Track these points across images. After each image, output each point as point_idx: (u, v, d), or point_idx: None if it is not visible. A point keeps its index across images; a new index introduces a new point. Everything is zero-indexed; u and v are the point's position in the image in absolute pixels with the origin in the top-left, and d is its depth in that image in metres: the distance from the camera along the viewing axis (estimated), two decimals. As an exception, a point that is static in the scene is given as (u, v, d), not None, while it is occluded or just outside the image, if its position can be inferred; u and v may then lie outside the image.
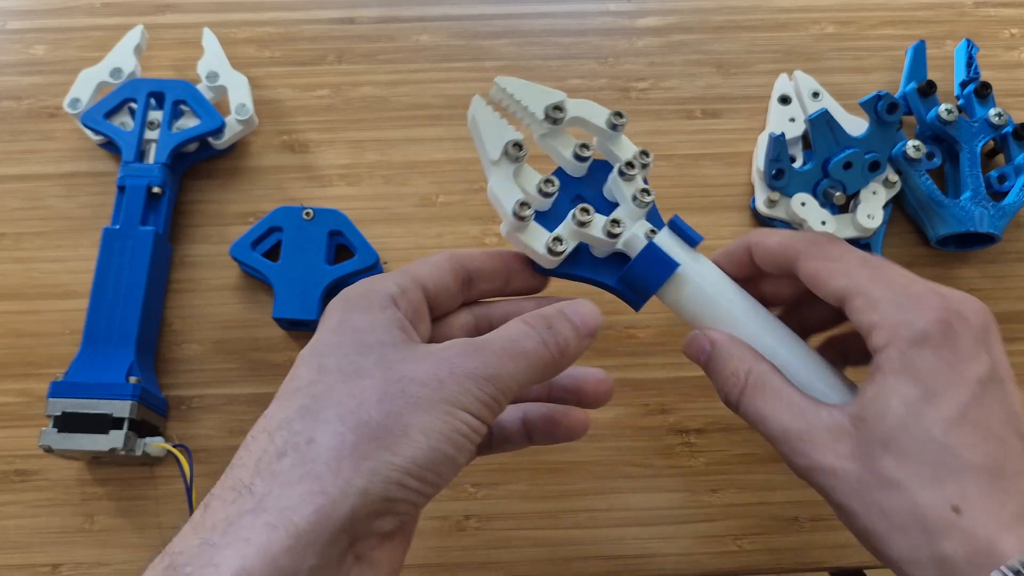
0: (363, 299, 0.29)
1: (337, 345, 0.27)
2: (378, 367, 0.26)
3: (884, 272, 0.31)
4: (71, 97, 0.48)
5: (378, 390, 0.25)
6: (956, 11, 0.55)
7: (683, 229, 0.36)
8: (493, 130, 0.37)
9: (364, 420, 0.25)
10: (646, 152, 0.38)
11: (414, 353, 0.27)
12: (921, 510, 0.28)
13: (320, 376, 0.27)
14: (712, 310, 0.36)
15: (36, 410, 0.44)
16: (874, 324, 0.30)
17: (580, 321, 0.30)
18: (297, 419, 0.25)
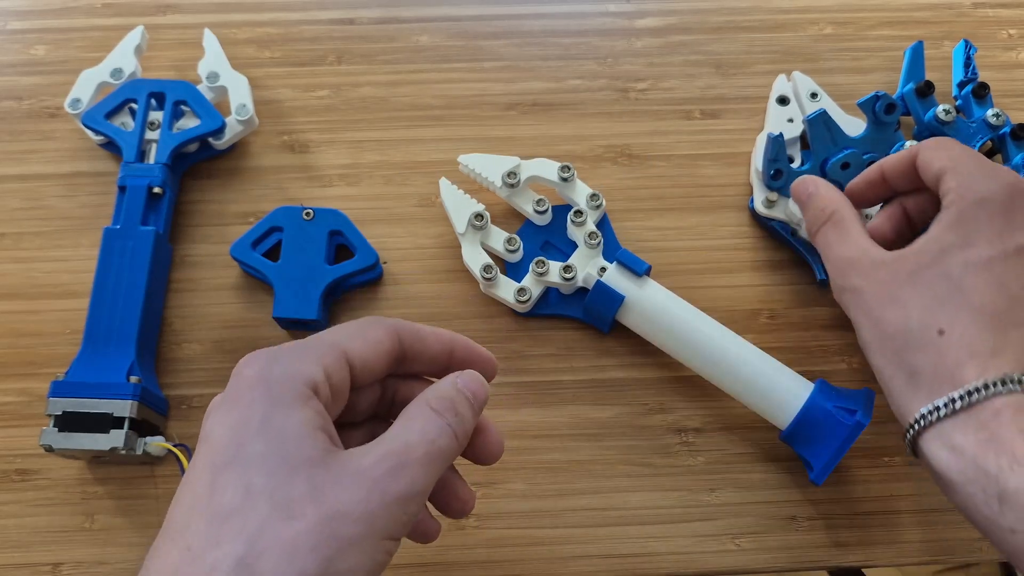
0: (287, 388, 0.27)
1: (263, 458, 0.26)
2: (310, 501, 0.26)
3: (980, 157, 0.36)
4: (72, 97, 0.48)
5: (312, 536, 0.25)
6: (954, 12, 0.55)
7: (628, 263, 0.44)
8: (458, 207, 0.46)
9: (300, 572, 0.25)
10: (596, 195, 0.46)
11: (341, 474, 0.26)
12: (910, 325, 0.33)
13: (249, 502, 0.25)
14: (656, 329, 0.44)
15: (37, 409, 0.44)
16: (949, 188, 0.35)
17: (474, 399, 0.30)
18: (232, 572, 0.24)
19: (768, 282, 0.48)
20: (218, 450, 0.27)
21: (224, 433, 0.27)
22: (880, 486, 0.44)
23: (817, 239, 0.39)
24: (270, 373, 0.28)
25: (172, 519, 0.26)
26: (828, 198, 0.39)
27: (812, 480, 0.40)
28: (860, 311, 0.35)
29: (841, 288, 0.37)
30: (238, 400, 0.28)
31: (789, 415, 0.41)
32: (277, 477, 0.26)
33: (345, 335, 0.30)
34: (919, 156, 0.37)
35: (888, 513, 0.43)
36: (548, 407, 0.45)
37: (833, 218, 0.38)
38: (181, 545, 0.25)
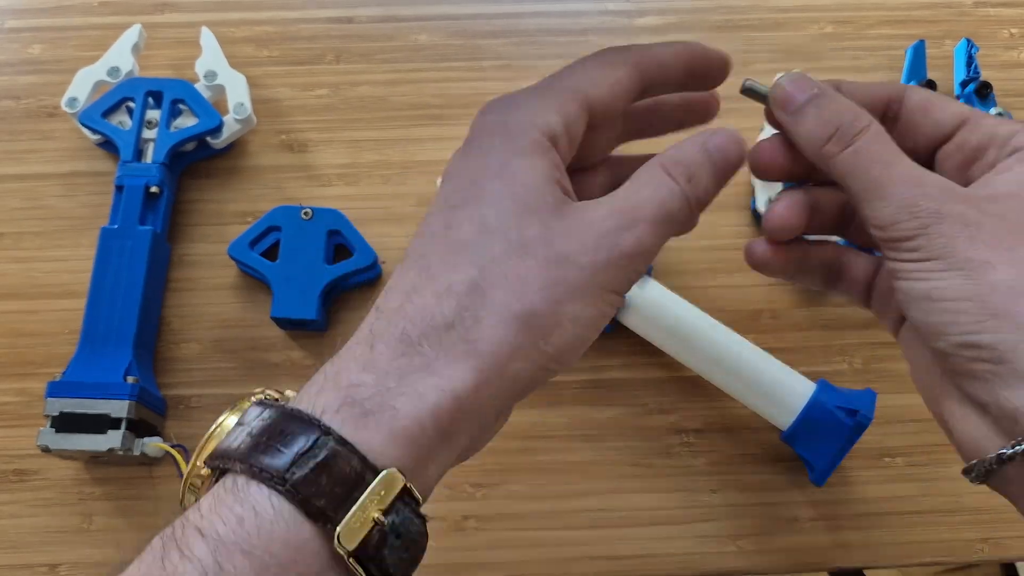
0: (527, 136, 0.27)
1: (500, 198, 0.26)
2: (541, 244, 0.26)
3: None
4: (69, 96, 0.48)
5: (541, 275, 0.26)
6: (955, 11, 0.55)
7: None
8: None
9: (527, 307, 0.25)
10: None
11: (572, 223, 0.26)
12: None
13: (484, 238, 0.26)
14: (657, 330, 0.43)
15: (34, 410, 0.44)
16: (1019, 130, 0.27)
17: (721, 160, 0.28)
18: (465, 294, 0.25)
19: (770, 282, 0.48)
20: (456, 189, 0.27)
21: (463, 174, 0.28)
22: (881, 487, 0.43)
23: (856, 151, 0.27)
24: (511, 120, 0.28)
25: (411, 250, 0.27)
26: (855, 105, 0.28)
27: (813, 481, 0.40)
28: (986, 247, 0.24)
29: (932, 213, 0.25)
30: (478, 145, 0.28)
31: (790, 415, 0.41)
32: (512, 217, 0.26)
33: (588, 80, 0.29)
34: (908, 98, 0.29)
35: (889, 514, 0.43)
36: (548, 408, 0.45)
37: (875, 129, 0.27)
38: (420, 266, 0.26)
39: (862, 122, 0.27)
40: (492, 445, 0.44)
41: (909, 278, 0.25)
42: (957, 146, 0.28)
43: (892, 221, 0.26)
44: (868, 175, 0.26)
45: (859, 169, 0.26)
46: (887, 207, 0.26)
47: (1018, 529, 0.43)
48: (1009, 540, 0.43)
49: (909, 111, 0.29)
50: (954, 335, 0.24)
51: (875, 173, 0.26)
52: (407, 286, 0.26)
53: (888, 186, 0.26)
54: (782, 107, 0.29)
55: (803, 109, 0.28)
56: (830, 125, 0.27)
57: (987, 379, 0.24)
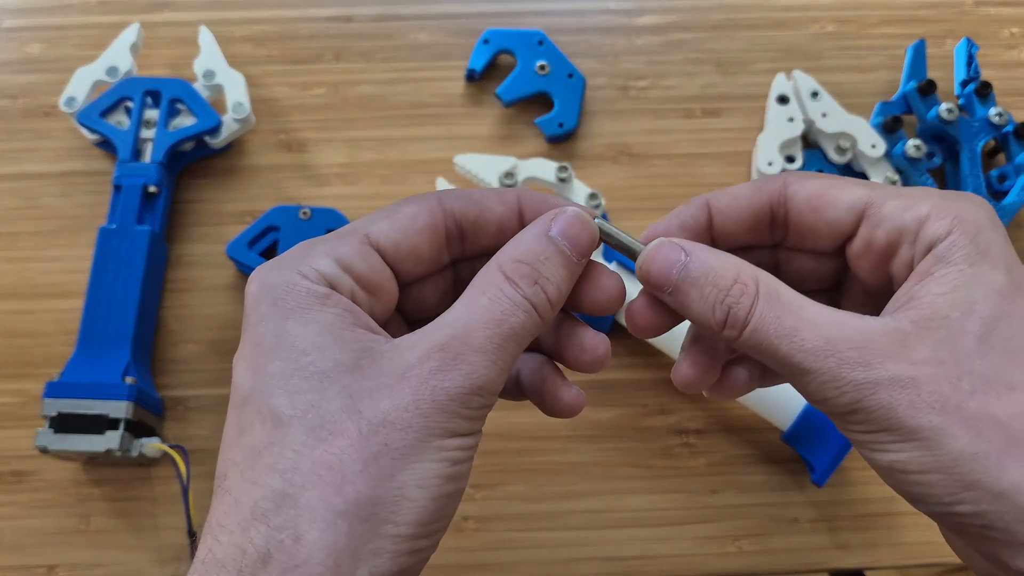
0: (294, 295, 0.23)
1: (284, 378, 0.22)
2: (347, 414, 0.22)
3: (888, 186, 0.25)
4: (67, 96, 0.48)
5: (357, 453, 0.21)
6: (956, 10, 0.55)
7: (628, 263, 0.41)
8: None
9: (352, 498, 0.21)
10: (595, 194, 0.46)
11: (382, 377, 0.22)
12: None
13: (279, 434, 0.22)
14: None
15: (32, 410, 0.44)
16: (928, 215, 0.23)
17: (572, 248, 0.24)
18: (274, 511, 0.21)
19: (769, 282, 0.48)
20: (238, 385, 0.23)
21: (241, 365, 0.23)
22: (882, 488, 0.43)
23: (753, 327, 0.23)
24: (272, 281, 0.24)
25: (217, 473, 0.23)
26: (731, 266, 0.24)
27: (814, 481, 0.40)
28: (934, 413, 0.21)
29: (865, 384, 0.22)
30: (250, 320, 0.24)
31: (791, 416, 0.40)
32: (304, 396, 0.22)
33: (367, 219, 0.25)
34: (795, 191, 0.25)
35: (889, 515, 0.43)
36: (548, 408, 0.45)
37: (763, 293, 0.23)
38: (222, 492, 0.22)
39: (749, 291, 0.23)
40: (492, 447, 0.44)
41: (868, 449, 0.23)
42: (864, 245, 0.25)
43: (822, 398, 0.22)
44: (777, 354, 0.23)
45: (765, 349, 0.23)
46: (810, 384, 0.22)
47: (1019, 530, 0.43)
48: (1010, 541, 0.43)
49: (797, 214, 0.25)
50: (934, 505, 0.22)
51: (784, 351, 0.23)
52: (213, 521, 0.22)
53: (802, 361, 0.22)
54: (658, 289, 0.25)
55: (681, 288, 0.24)
56: (718, 306, 0.23)
57: (983, 538, 0.22)
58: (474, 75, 0.52)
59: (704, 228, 0.26)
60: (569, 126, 0.50)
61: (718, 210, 0.26)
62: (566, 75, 0.51)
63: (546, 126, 0.50)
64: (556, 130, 0.50)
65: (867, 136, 0.48)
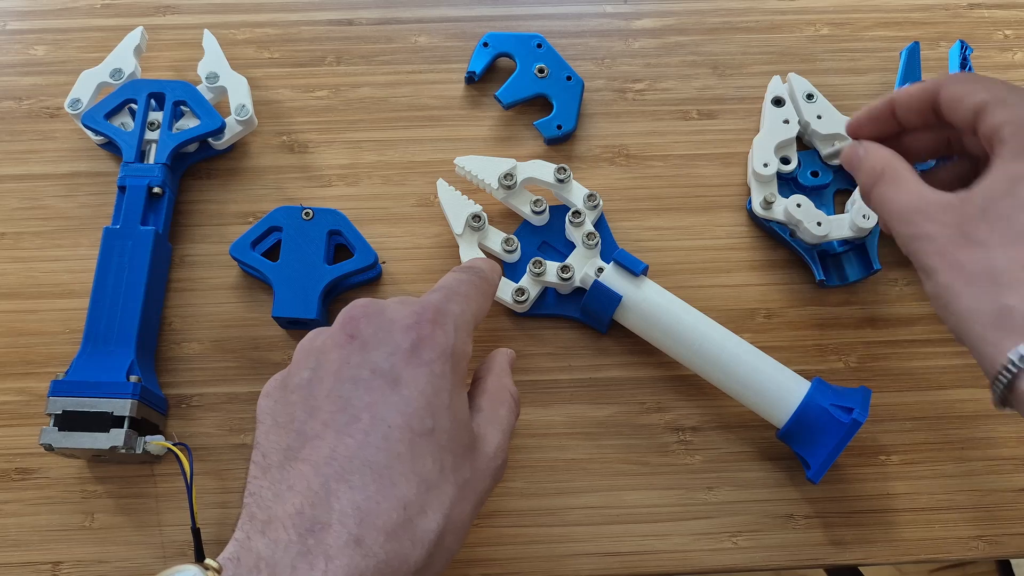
0: (463, 367, 0.33)
1: (450, 438, 0.31)
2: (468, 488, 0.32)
3: (1015, 86, 0.34)
4: (71, 98, 0.49)
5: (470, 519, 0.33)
6: (950, 12, 0.55)
7: (626, 263, 0.43)
8: (455, 208, 0.46)
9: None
10: (593, 195, 0.46)
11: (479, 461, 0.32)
12: (995, 264, 0.30)
13: (443, 479, 0.30)
14: (654, 329, 0.43)
15: (36, 408, 0.45)
16: (1004, 121, 0.32)
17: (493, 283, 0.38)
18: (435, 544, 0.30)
19: (765, 282, 0.48)
20: (416, 412, 0.30)
21: (421, 396, 0.30)
22: (877, 484, 0.44)
23: (872, 198, 0.36)
24: (457, 348, 0.32)
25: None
26: (877, 155, 0.36)
27: (809, 478, 0.40)
28: (935, 256, 0.32)
29: (909, 237, 0.33)
30: (432, 365, 0.31)
31: (786, 413, 0.41)
32: (455, 459, 0.30)
33: (459, 302, 0.35)
34: (945, 90, 0.35)
35: (885, 511, 0.43)
36: (546, 406, 0.45)
37: (886, 173, 0.35)
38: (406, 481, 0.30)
39: (876, 171, 0.36)
40: (491, 443, 0.44)
41: (922, 283, 0.34)
42: (983, 135, 0.34)
43: (900, 247, 0.35)
44: (883, 216, 0.36)
45: (879, 212, 0.36)
46: (896, 239, 0.35)
47: (1013, 526, 0.43)
48: (1004, 537, 0.43)
49: (944, 111, 0.36)
50: (947, 324, 0.33)
51: (884, 212, 0.35)
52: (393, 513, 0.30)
53: (890, 223, 0.35)
54: (847, 167, 0.39)
55: (853, 168, 0.38)
56: (865, 182, 0.37)
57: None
58: (474, 78, 0.52)
59: (888, 115, 0.39)
60: (567, 128, 0.50)
61: (897, 97, 0.38)
62: (564, 78, 0.52)
63: (545, 128, 0.51)
64: (555, 132, 0.50)
65: (862, 138, 0.48)
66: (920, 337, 0.47)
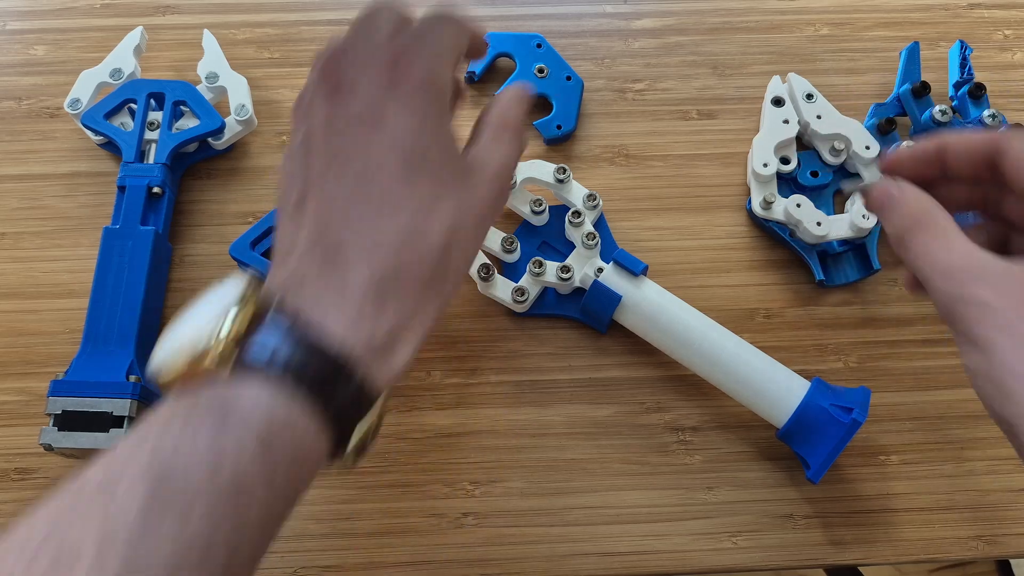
0: (442, 97, 0.32)
1: (440, 166, 0.32)
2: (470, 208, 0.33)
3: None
4: (71, 97, 0.49)
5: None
6: (949, 12, 0.55)
7: (625, 263, 0.43)
8: None
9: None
10: (593, 195, 0.46)
11: (473, 179, 0.33)
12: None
13: (440, 203, 0.31)
14: (653, 329, 0.43)
15: (36, 408, 0.45)
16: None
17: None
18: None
19: (765, 282, 0.48)
20: (402, 145, 0.30)
21: (405, 131, 0.31)
22: (876, 484, 0.44)
23: (910, 247, 0.31)
24: (436, 78, 0.32)
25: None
26: (916, 200, 0.32)
27: (809, 478, 0.40)
28: (993, 329, 0.28)
29: (956, 299, 0.29)
30: (412, 98, 0.31)
31: (786, 413, 0.41)
32: (448, 182, 0.31)
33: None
34: (1014, 149, 0.32)
35: (884, 511, 0.43)
36: (546, 406, 0.45)
37: (926, 221, 0.31)
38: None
39: (915, 218, 0.32)
40: (490, 443, 0.44)
41: (959, 350, 0.30)
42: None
43: (938, 306, 0.30)
44: (920, 268, 0.31)
45: (914, 263, 0.31)
46: (933, 294, 0.30)
47: (1013, 526, 0.43)
48: (1004, 537, 0.43)
49: (1007, 168, 0.32)
50: (991, 411, 0.29)
51: (924, 265, 0.31)
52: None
53: (930, 278, 0.30)
54: (874, 209, 0.33)
55: (885, 210, 0.33)
56: (899, 226, 0.32)
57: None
58: (474, 77, 0.52)
59: (935, 158, 0.34)
60: (567, 128, 0.50)
61: (949, 144, 0.33)
62: (564, 78, 0.52)
63: (544, 128, 0.51)
64: (554, 132, 0.50)
65: (861, 138, 0.48)
66: (920, 337, 0.47)
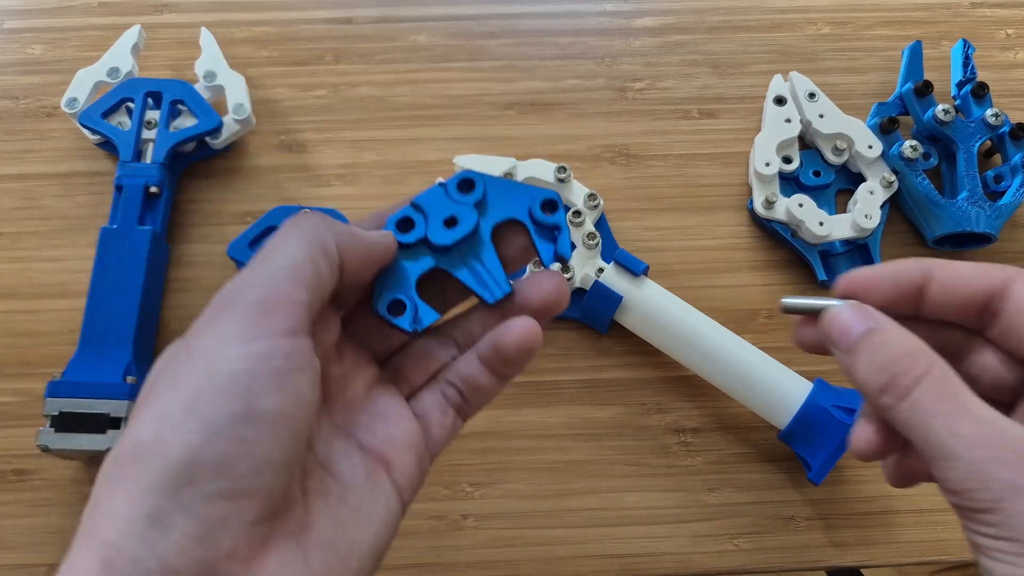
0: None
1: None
2: None
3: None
4: (68, 97, 0.48)
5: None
6: (952, 11, 0.55)
7: (626, 263, 0.43)
8: None
9: None
10: (594, 195, 0.46)
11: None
12: None
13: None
14: (654, 329, 0.43)
15: (33, 410, 0.44)
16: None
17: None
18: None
19: (766, 282, 0.48)
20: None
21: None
22: (878, 486, 0.44)
23: (913, 403, 0.23)
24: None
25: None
26: (911, 344, 0.24)
27: (810, 479, 0.40)
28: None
29: (1010, 486, 0.21)
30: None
31: (787, 414, 0.41)
32: None
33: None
34: (1017, 291, 0.24)
35: (886, 513, 0.43)
36: (546, 407, 0.45)
37: (935, 373, 0.23)
38: None
39: (919, 367, 0.23)
40: (490, 445, 0.44)
41: (989, 556, 0.22)
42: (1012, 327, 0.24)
43: (961, 488, 0.22)
44: (930, 432, 0.22)
45: (919, 425, 0.23)
46: (954, 471, 0.22)
47: (1015, 528, 0.43)
48: (1006, 539, 0.43)
49: (1011, 312, 0.24)
50: None
51: (937, 430, 0.22)
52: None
53: (954, 446, 0.22)
54: (835, 344, 0.25)
55: (856, 348, 0.24)
56: (884, 372, 0.23)
57: None
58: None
59: (915, 292, 0.25)
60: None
61: (938, 280, 0.25)
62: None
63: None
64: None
65: (864, 137, 0.48)
66: (922, 338, 0.47)
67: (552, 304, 0.28)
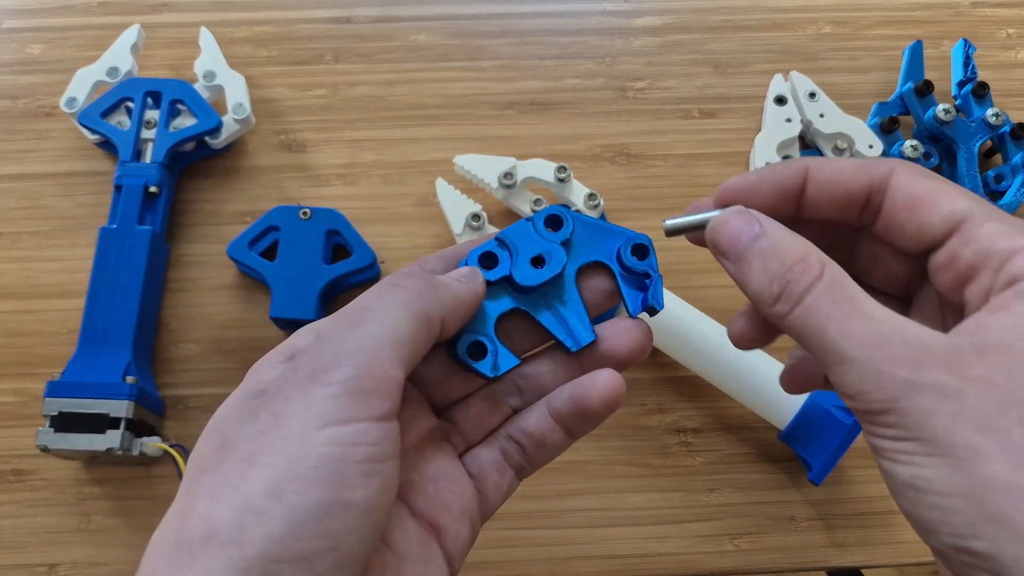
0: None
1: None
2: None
3: (993, 208, 0.23)
4: (68, 96, 0.48)
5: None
6: (953, 11, 0.55)
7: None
8: (455, 207, 0.45)
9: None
10: (594, 195, 0.46)
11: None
12: None
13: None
14: (656, 330, 0.39)
15: (33, 410, 0.44)
16: (1017, 248, 0.21)
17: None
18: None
19: (767, 282, 0.48)
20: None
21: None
22: (879, 486, 0.44)
23: (803, 310, 0.22)
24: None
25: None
26: (801, 247, 0.23)
27: (811, 480, 0.40)
28: (967, 426, 0.19)
29: (901, 384, 0.20)
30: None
31: (788, 415, 0.41)
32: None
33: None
34: (900, 183, 0.24)
35: (887, 513, 0.43)
36: (546, 407, 0.45)
37: (827, 277, 0.22)
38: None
39: (812, 272, 0.22)
40: (490, 445, 0.44)
41: (888, 458, 0.21)
42: (949, 258, 0.23)
43: (857, 390, 0.21)
44: (824, 337, 0.21)
45: (813, 331, 0.22)
46: (849, 374, 0.21)
47: (1015, 528, 0.43)
48: (1006, 539, 0.43)
49: (892, 207, 0.24)
50: (946, 536, 0.20)
51: (831, 334, 0.21)
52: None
53: (847, 349, 0.21)
54: (724, 254, 0.24)
55: (745, 256, 0.23)
56: (777, 279, 0.22)
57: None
58: None
59: (795, 193, 0.25)
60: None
61: (816, 179, 0.24)
62: None
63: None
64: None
65: (864, 137, 0.48)
66: (923, 338, 0.47)
67: (639, 356, 0.26)
